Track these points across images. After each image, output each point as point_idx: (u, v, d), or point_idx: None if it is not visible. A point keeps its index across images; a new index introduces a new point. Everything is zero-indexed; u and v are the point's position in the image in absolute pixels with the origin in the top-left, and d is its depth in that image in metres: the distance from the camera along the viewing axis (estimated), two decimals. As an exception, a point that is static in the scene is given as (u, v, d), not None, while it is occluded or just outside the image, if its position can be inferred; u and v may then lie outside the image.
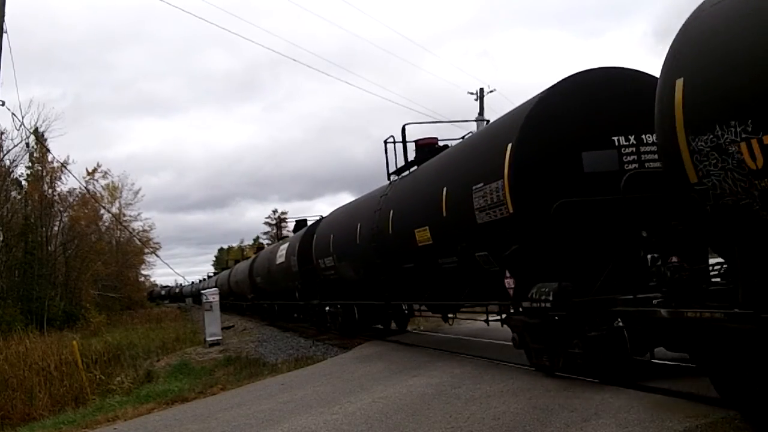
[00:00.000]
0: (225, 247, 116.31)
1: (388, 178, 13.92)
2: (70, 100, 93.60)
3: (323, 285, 17.91)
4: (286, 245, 23.15)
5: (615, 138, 7.33)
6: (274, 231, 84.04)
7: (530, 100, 8.07)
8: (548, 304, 7.09)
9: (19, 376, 16.22)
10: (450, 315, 12.66)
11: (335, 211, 18.29)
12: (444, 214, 9.54)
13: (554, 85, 7.77)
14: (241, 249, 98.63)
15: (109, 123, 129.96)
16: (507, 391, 7.27)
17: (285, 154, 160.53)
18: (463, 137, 11.80)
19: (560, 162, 7.32)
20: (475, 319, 12.78)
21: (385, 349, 12.83)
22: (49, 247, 41.55)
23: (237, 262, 44.49)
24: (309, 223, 22.19)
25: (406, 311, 16.33)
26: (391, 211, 12.13)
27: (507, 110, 10.43)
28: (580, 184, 7.23)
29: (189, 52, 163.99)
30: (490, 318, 10.78)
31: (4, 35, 15.68)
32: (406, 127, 13.58)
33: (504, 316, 9.41)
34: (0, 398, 14.88)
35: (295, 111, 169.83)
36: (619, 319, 6.69)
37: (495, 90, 32.88)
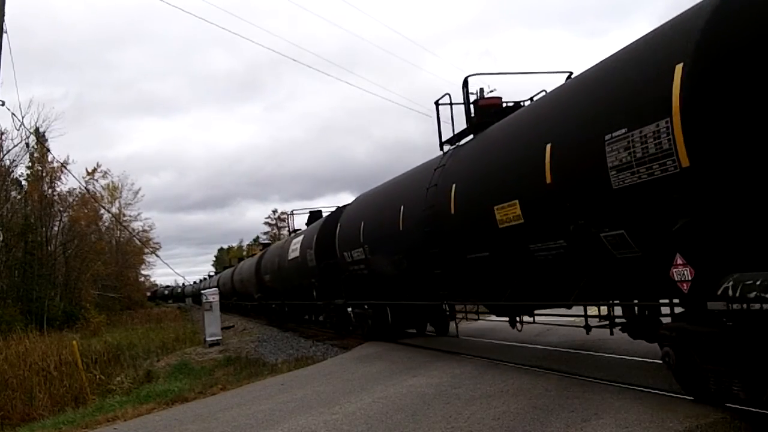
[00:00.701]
0: (225, 247, 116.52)
1: (441, 148, 11.31)
2: (72, 99, 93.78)
3: (349, 282, 15.55)
4: (300, 238, 20.89)
5: None
6: (274, 231, 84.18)
7: (702, 1, 5.45)
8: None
9: (19, 376, 16.23)
10: (519, 318, 10.34)
11: (365, 193, 15.70)
12: (548, 181, 7.00)
13: None
14: (242, 249, 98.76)
15: (110, 123, 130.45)
16: (507, 391, 7.27)
17: (286, 153, 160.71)
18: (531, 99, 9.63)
19: None
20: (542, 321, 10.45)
21: (385, 349, 12.82)
22: (49, 247, 41.56)
23: (241, 260, 44.03)
24: (324, 215, 19.89)
25: (448, 312, 13.48)
26: (454, 186, 9.67)
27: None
28: None
29: (190, 51, 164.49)
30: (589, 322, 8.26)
31: (4, 35, 15.66)
32: (469, 79, 10.66)
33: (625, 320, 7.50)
34: (0, 398, 14.88)
35: (296, 111, 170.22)
36: None
37: (495, 90, 32.90)
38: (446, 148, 11.18)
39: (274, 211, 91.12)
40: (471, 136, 10.47)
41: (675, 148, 5.19)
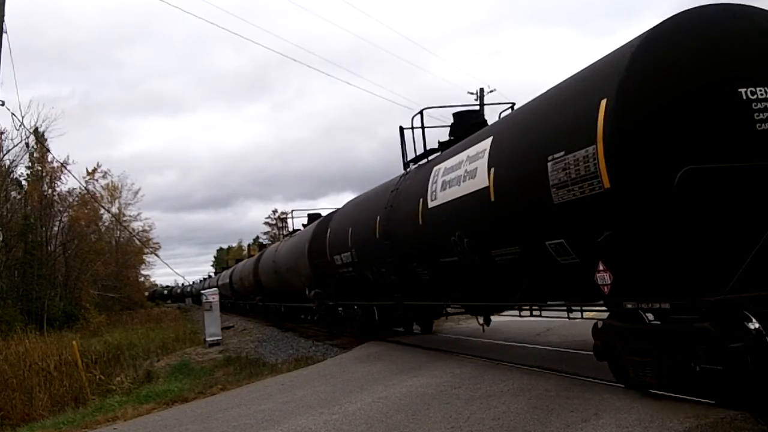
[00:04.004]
0: (225, 247, 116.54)
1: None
2: (79, 98, 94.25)
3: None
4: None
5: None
6: (275, 231, 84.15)
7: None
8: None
9: (19, 376, 16.23)
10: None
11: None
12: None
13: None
14: (241, 249, 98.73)
15: (116, 122, 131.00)
16: (507, 391, 7.27)
17: (290, 153, 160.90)
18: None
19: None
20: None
21: (385, 350, 12.83)
22: (49, 247, 41.57)
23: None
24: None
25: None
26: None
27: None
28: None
29: (198, 50, 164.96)
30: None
31: (4, 35, 15.68)
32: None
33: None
34: (0, 398, 14.88)
35: (303, 110, 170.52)
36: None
37: (495, 90, 33.02)
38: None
39: (274, 212, 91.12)
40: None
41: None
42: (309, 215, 23.25)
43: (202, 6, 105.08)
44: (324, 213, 21.00)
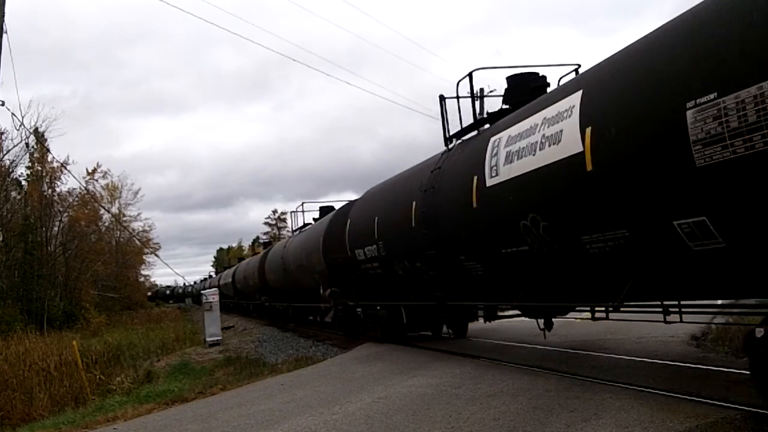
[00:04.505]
0: (225, 247, 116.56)
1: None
2: (80, 98, 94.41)
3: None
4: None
5: None
6: (274, 231, 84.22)
7: None
8: None
9: (19, 376, 16.26)
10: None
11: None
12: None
13: None
14: (241, 249, 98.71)
15: (117, 121, 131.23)
16: (507, 391, 7.27)
17: (291, 153, 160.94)
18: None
19: None
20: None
21: (385, 350, 12.81)
22: (49, 247, 41.58)
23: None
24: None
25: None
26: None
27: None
28: None
29: (199, 50, 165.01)
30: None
31: (5, 35, 15.68)
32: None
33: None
34: (0, 398, 14.89)
35: (304, 110, 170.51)
36: None
37: (495, 90, 32.94)
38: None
39: (274, 212, 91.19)
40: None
41: None
42: (321, 208, 21.93)
43: (202, 6, 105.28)
44: (335, 208, 19.57)
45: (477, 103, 10.17)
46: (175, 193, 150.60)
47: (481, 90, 10.72)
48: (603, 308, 7.89)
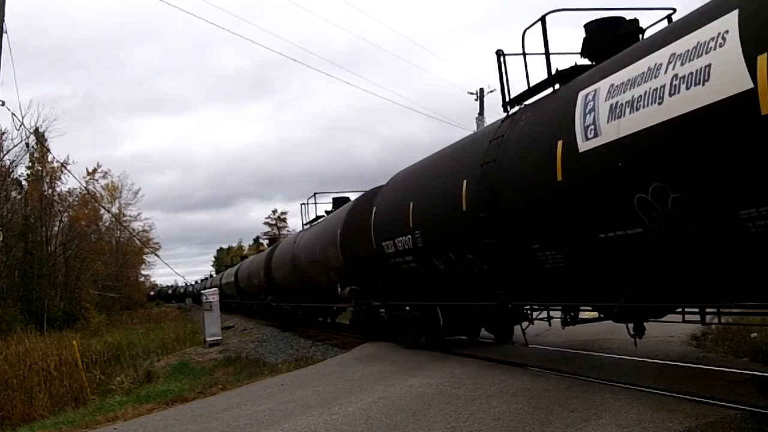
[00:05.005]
0: (225, 247, 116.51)
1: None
2: (81, 98, 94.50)
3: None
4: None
5: None
6: (274, 231, 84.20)
7: None
8: None
9: (19, 376, 16.27)
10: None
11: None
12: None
13: None
14: (241, 248, 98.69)
15: (117, 121, 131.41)
16: (507, 391, 7.27)
17: (291, 153, 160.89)
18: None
19: None
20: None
21: (385, 350, 12.80)
22: (49, 247, 41.55)
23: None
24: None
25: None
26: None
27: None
28: None
29: (200, 50, 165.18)
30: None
31: (5, 35, 15.70)
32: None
33: None
34: (0, 398, 14.89)
35: (304, 110, 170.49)
36: None
37: (495, 90, 32.99)
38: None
39: (274, 211, 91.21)
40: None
41: None
42: (334, 199, 19.93)
43: (203, 6, 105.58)
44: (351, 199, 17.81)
45: (549, 58, 8.09)
46: (176, 193, 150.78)
47: (481, 90, 10.66)
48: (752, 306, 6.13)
